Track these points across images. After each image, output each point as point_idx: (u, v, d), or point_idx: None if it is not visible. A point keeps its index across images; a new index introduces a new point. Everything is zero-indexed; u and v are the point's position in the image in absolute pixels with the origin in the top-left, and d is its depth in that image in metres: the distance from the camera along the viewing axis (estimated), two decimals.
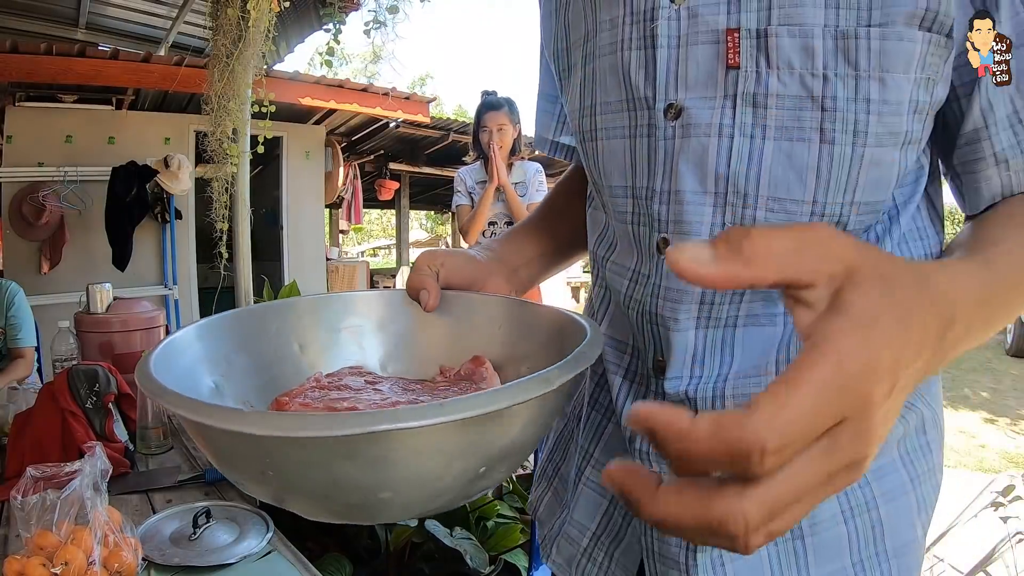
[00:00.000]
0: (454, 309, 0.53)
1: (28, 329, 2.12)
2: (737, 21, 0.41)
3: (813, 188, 0.42)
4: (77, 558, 0.73)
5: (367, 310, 0.54)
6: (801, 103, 0.41)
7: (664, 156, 0.45)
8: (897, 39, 0.39)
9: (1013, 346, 6.10)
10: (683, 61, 0.44)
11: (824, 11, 0.39)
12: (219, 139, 2.43)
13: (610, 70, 0.48)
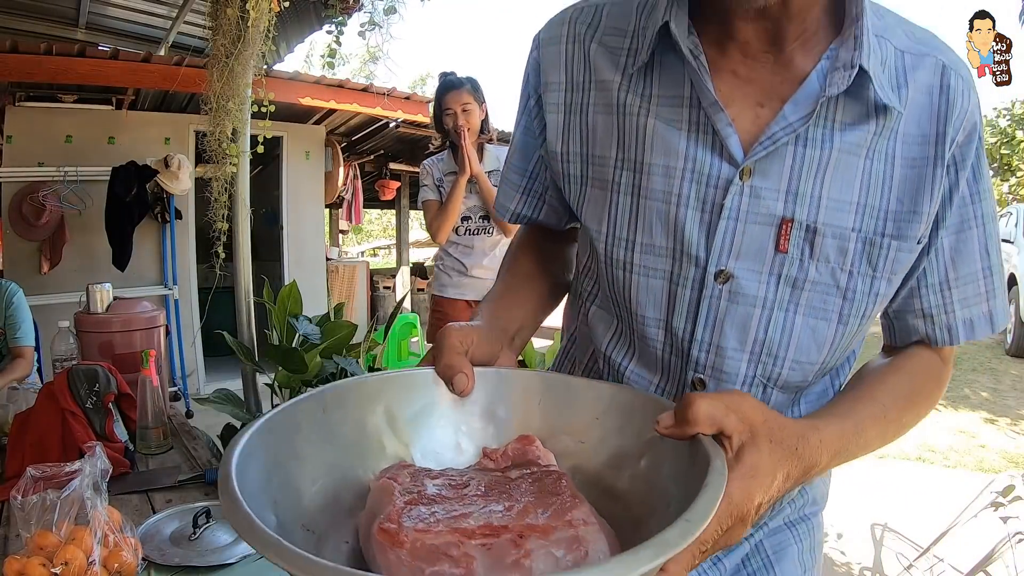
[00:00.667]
0: (486, 386, 0.52)
1: (27, 328, 2.12)
2: (792, 212, 0.50)
3: (825, 355, 0.54)
4: (77, 558, 0.73)
5: (399, 394, 0.51)
6: (828, 290, 0.51)
7: (709, 312, 0.53)
8: (908, 251, 0.51)
9: (1013, 346, 6.09)
10: (739, 234, 0.51)
11: (854, 216, 0.50)
12: (219, 139, 2.43)
13: (659, 218, 0.53)
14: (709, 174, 0.50)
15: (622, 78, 0.54)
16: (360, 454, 0.48)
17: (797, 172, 0.50)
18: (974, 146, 0.53)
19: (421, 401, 0.51)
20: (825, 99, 0.48)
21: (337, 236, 8.57)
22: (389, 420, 0.50)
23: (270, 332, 1.88)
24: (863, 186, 0.50)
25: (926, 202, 0.51)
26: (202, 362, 4.64)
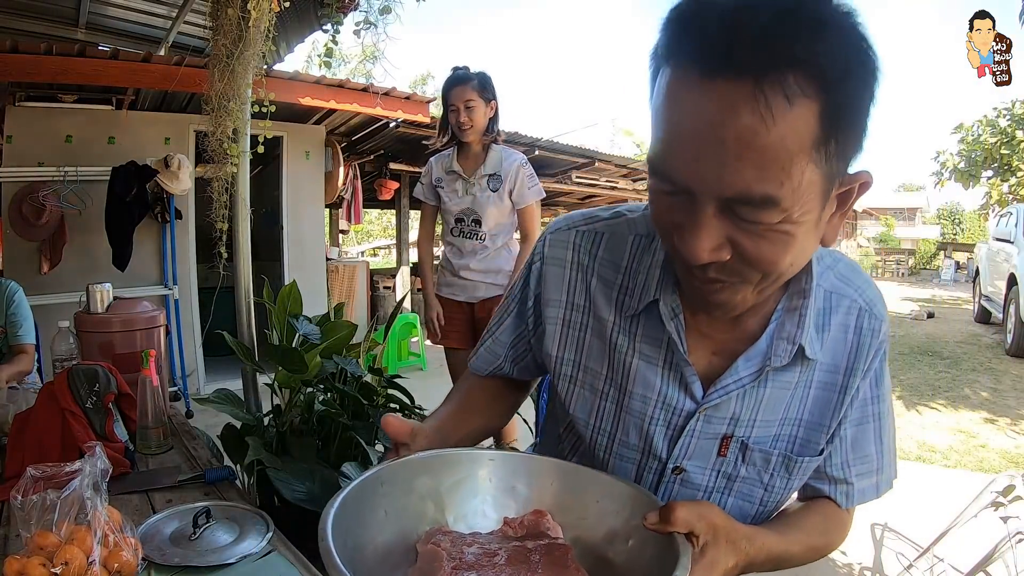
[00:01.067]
0: (510, 466, 0.66)
1: (28, 327, 2.13)
2: (733, 431, 0.68)
3: (747, 523, 0.66)
4: (77, 558, 0.73)
5: (440, 471, 0.64)
6: (754, 484, 0.70)
7: (666, 491, 0.72)
8: (813, 459, 0.69)
9: (1013, 346, 6.09)
10: (693, 445, 0.69)
11: (777, 441, 0.68)
12: (219, 139, 2.43)
13: (635, 428, 0.71)
14: (675, 407, 0.68)
15: (615, 318, 0.70)
16: (407, 518, 0.61)
17: (739, 407, 0.67)
18: (879, 361, 0.68)
19: (457, 476, 0.64)
20: (772, 366, 0.64)
21: (337, 236, 8.57)
22: (431, 492, 0.63)
23: (270, 332, 1.88)
24: (786, 407, 0.67)
25: (832, 418, 0.68)
26: (202, 362, 4.64)
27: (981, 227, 24.21)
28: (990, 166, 13.70)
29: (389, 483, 0.60)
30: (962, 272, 17.74)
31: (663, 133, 0.51)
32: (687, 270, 0.57)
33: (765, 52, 0.44)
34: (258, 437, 1.54)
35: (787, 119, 0.45)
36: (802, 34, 0.44)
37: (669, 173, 0.51)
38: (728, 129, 0.45)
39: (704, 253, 0.51)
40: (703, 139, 0.47)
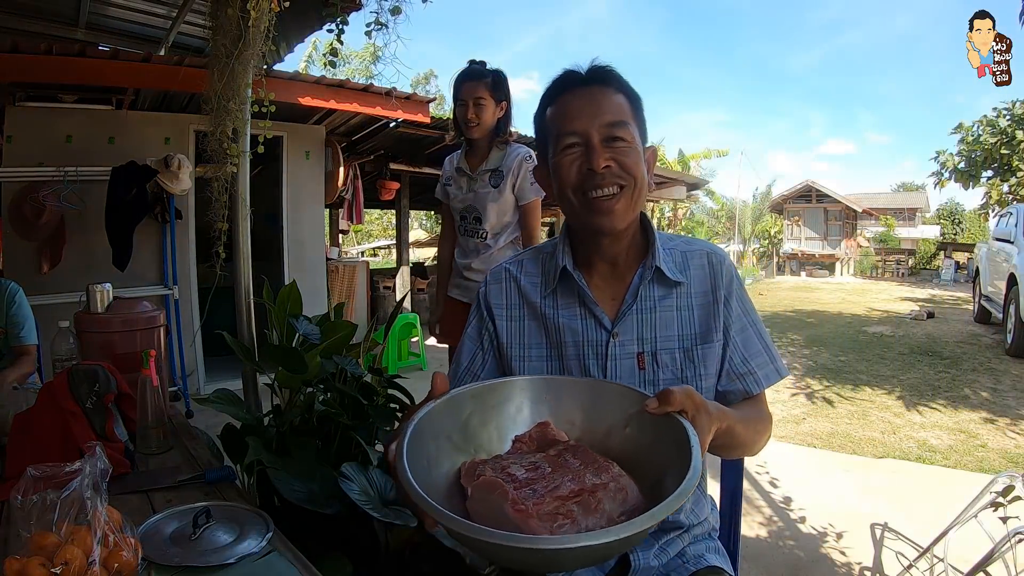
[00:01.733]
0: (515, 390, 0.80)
1: (30, 327, 2.13)
2: (643, 348, 0.96)
3: None
4: (77, 558, 0.73)
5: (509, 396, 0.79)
6: (674, 383, 0.95)
7: None
8: (711, 348, 0.97)
9: (1013, 346, 6.09)
10: (619, 366, 0.96)
11: (676, 341, 0.96)
12: (219, 139, 2.42)
13: (577, 369, 0.97)
14: (597, 339, 0.97)
15: (541, 299, 1.01)
16: (441, 456, 0.72)
17: (639, 326, 0.96)
18: (735, 286, 0.99)
19: (480, 408, 0.77)
20: (644, 285, 0.97)
21: (337, 236, 8.57)
22: (457, 428, 0.75)
23: (270, 332, 1.88)
24: (677, 323, 0.97)
25: (715, 324, 0.97)
26: (202, 362, 4.64)
27: (981, 227, 24.19)
28: (990, 166, 13.70)
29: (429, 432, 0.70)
30: (962, 272, 17.73)
31: (566, 116, 0.93)
32: (592, 189, 0.90)
33: (603, 76, 0.94)
34: (258, 437, 1.54)
35: (618, 97, 0.93)
36: (615, 74, 0.95)
37: (574, 129, 0.91)
38: (598, 98, 0.92)
39: (602, 160, 0.89)
40: (588, 106, 0.92)
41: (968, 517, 1.88)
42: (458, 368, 1.07)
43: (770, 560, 2.38)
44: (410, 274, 7.63)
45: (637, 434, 0.73)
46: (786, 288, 15.66)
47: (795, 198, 24.21)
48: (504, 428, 0.77)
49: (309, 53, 14.54)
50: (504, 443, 0.76)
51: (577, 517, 0.61)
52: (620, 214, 0.91)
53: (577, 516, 0.61)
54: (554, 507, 0.61)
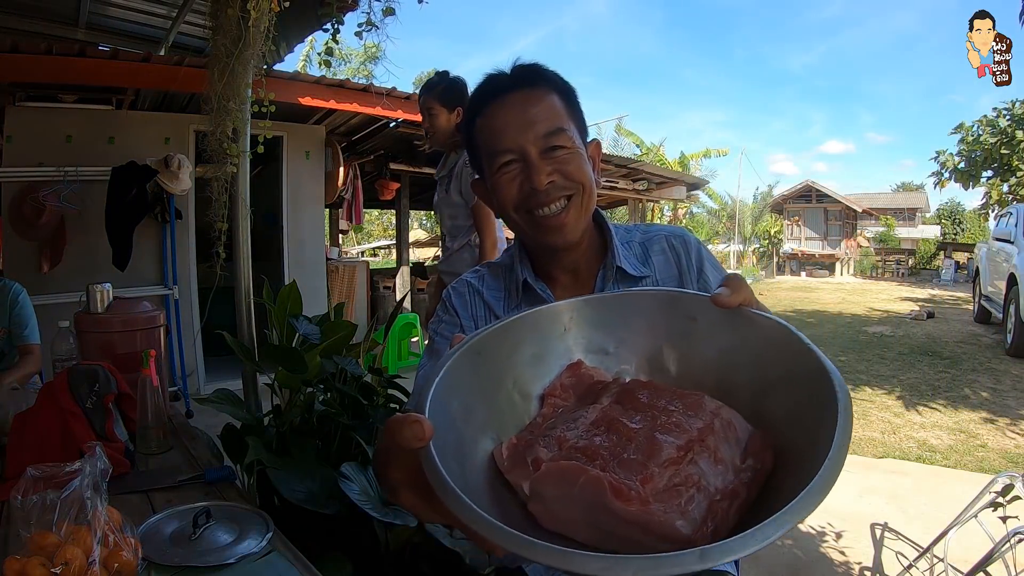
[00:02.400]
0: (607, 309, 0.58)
1: (33, 326, 2.14)
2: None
3: None
4: (77, 558, 0.73)
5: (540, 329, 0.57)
6: None
7: None
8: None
9: (1013, 346, 6.09)
10: None
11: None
12: (219, 139, 2.42)
13: None
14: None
15: (506, 313, 0.94)
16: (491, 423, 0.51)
17: None
18: (704, 256, 0.95)
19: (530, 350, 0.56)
20: (608, 287, 0.91)
21: (337, 236, 8.57)
22: (511, 381, 0.54)
23: (270, 332, 1.88)
24: None
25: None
26: (202, 362, 4.64)
27: (981, 227, 24.20)
28: (990, 166, 13.70)
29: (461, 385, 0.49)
30: (962, 272, 17.73)
31: (496, 131, 0.85)
32: (538, 207, 0.85)
33: (527, 79, 0.87)
34: (258, 437, 1.54)
35: (550, 98, 0.86)
36: (539, 74, 0.88)
37: (508, 146, 0.84)
38: (527, 107, 0.84)
39: (544, 177, 0.83)
40: (517, 117, 0.84)
41: (968, 517, 1.88)
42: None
43: (770, 560, 2.38)
44: (410, 274, 7.63)
45: (701, 350, 0.53)
46: (786, 288, 15.66)
47: (795, 198, 24.21)
48: (525, 382, 0.55)
49: (307, 52, 14.55)
50: (530, 403, 0.54)
51: (705, 482, 0.42)
52: (571, 227, 0.86)
53: (705, 480, 0.42)
54: (668, 478, 0.41)
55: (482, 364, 0.51)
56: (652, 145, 18.28)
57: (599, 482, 0.40)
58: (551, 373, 0.55)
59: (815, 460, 0.38)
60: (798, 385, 0.46)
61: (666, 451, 0.43)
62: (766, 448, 0.45)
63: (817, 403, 0.43)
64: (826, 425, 0.40)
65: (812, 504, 0.35)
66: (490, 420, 0.50)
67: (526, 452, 0.46)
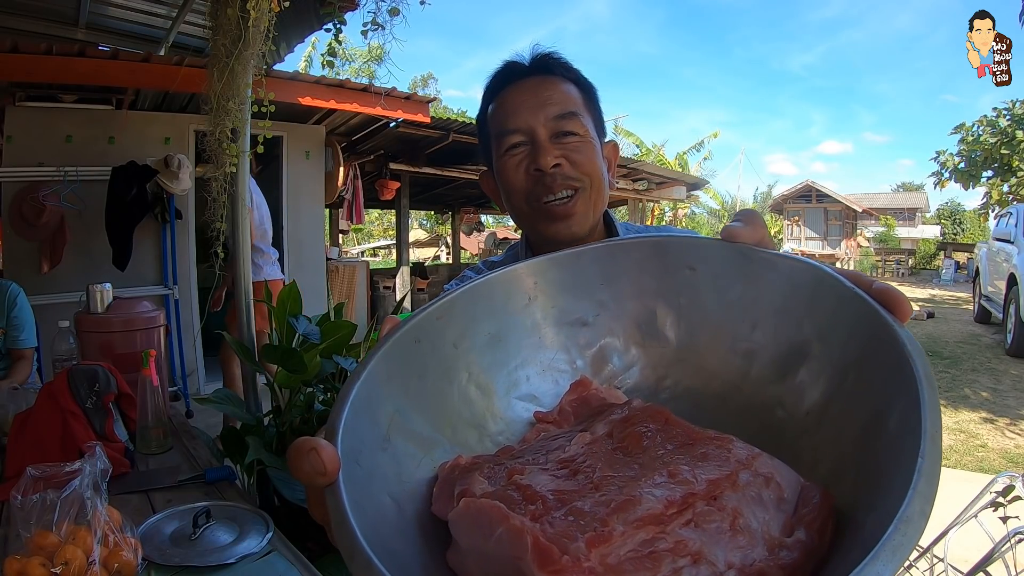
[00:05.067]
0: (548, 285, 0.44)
1: (29, 330, 2.12)
2: None
3: None
4: (77, 558, 0.73)
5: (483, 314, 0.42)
6: None
7: None
8: None
9: (1013, 346, 6.09)
10: None
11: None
12: (219, 139, 2.42)
13: None
14: None
15: None
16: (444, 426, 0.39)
17: None
18: None
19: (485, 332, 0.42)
20: None
21: (337, 236, 8.57)
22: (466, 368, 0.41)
23: (270, 332, 1.88)
24: None
25: None
26: (202, 362, 4.64)
27: (981, 227, 24.19)
28: (990, 166, 13.69)
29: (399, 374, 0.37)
30: (962, 272, 17.73)
31: (507, 111, 0.82)
32: (544, 193, 0.79)
33: (548, 66, 0.84)
34: (258, 437, 1.54)
35: (566, 86, 0.82)
36: (561, 61, 0.85)
37: (517, 126, 0.80)
38: (541, 90, 0.81)
39: (551, 159, 0.78)
40: (530, 99, 0.81)
41: (968, 517, 1.88)
42: None
43: None
44: (410, 274, 7.63)
45: (706, 307, 0.41)
46: None
47: (795, 198, 24.21)
48: (482, 371, 0.41)
49: (308, 53, 14.56)
50: (492, 399, 0.41)
51: (707, 554, 0.27)
52: (579, 218, 0.79)
53: (707, 552, 0.27)
54: (640, 542, 0.27)
55: (423, 354, 0.38)
56: (653, 145, 18.29)
57: (519, 536, 0.26)
58: (516, 357, 0.42)
59: (887, 465, 0.26)
60: (844, 349, 0.33)
61: (645, 504, 0.28)
62: (826, 516, 0.29)
63: (876, 369, 0.30)
64: (897, 403, 0.27)
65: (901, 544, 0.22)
66: (441, 427, 0.37)
67: (459, 479, 0.33)
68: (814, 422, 0.34)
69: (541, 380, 0.43)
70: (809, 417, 0.34)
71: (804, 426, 0.34)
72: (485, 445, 0.38)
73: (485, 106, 0.86)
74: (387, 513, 0.30)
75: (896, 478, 0.24)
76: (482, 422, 0.40)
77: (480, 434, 0.39)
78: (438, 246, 18.69)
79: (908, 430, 0.25)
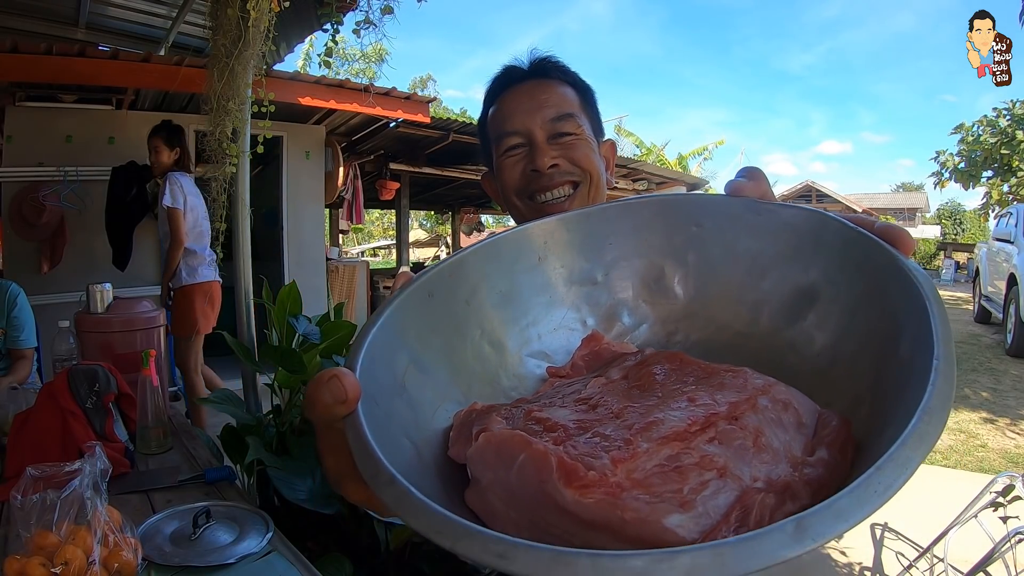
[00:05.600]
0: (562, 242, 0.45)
1: (29, 330, 2.12)
2: None
3: None
4: (77, 558, 0.73)
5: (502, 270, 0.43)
6: None
7: None
8: None
9: (1013, 346, 6.09)
10: None
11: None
12: (219, 139, 2.42)
13: None
14: None
15: None
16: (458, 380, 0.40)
17: None
18: None
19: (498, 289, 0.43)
20: None
21: (337, 236, 8.57)
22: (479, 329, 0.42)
23: (270, 332, 1.88)
24: None
25: None
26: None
27: (981, 227, 24.19)
28: (990, 166, 13.69)
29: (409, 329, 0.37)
30: (962, 272, 17.74)
31: (505, 114, 0.84)
32: (542, 191, 0.81)
33: (545, 70, 0.86)
34: (258, 437, 1.54)
35: (563, 88, 0.85)
36: (558, 64, 0.87)
37: (516, 128, 0.82)
38: (538, 92, 0.83)
39: (547, 159, 0.80)
40: (527, 101, 0.83)
41: (968, 517, 1.88)
42: None
43: None
44: None
45: (714, 262, 0.42)
46: None
47: (795, 199, 24.22)
48: (495, 329, 0.42)
49: (307, 51, 14.56)
50: (505, 355, 0.42)
51: (733, 468, 0.27)
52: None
53: (733, 467, 0.27)
54: (666, 458, 0.27)
55: (436, 308, 0.39)
56: (652, 146, 18.30)
57: (543, 459, 0.26)
58: (526, 315, 0.43)
59: (902, 386, 0.26)
60: (851, 286, 0.34)
61: (668, 424, 0.29)
62: (846, 438, 0.29)
63: (884, 300, 0.31)
64: (908, 326, 0.28)
65: (925, 442, 0.22)
66: (455, 380, 0.38)
67: (476, 421, 0.33)
68: (827, 361, 0.35)
69: (552, 338, 0.43)
70: (821, 357, 0.35)
71: (817, 366, 0.35)
72: (498, 400, 0.39)
73: (485, 109, 0.88)
74: (406, 454, 0.30)
75: (911, 392, 0.25)
76: (495, 378, 0.40)
77: (494, 390, 0.40)
78: (438, 246, 18.70)
79: (920, 349, 0.26)
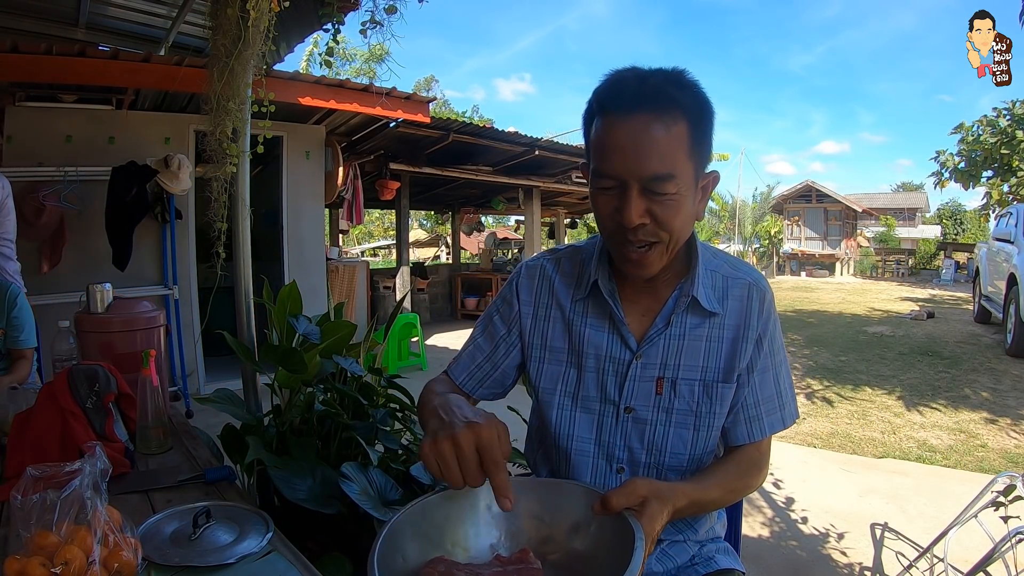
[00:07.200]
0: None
1: (29, 331, 2.12)
2: (663, 373, 0.93)
3: (689, 450, 0.94)
4: (77, 558, 0.73)
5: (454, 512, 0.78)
6: (687, 414, 0.93)
7: (623, 430, 0.95)
8: (729, 388, 0.93)
9: (1013, 346, 6.09)
10: (636, 388, 0.94)
11: (698, 373, 0.93)
12: (219, 139, 2.42)
13: (593, 382, 0.96)
14: (619, 358, 0.95)
15: (571, 304, 0.99)
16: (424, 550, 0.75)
17: (665, 352, 0.93)
18: (770, 326, 0.94)
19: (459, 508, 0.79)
20: (678, 312, 0.93)
21: (337, 236, 8.57)
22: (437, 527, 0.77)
23: (270, 332, 1.88)
24: (704, 354, 0.93)
25: (738, 363, 0.93)
26: (202, 362, 4.64)
27: (981, 227, 24.18)
28: (990, 166, 13.68)
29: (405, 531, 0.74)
30: (962, 272, 17.73)
31: (604, 149, 0.81)
32: (623, 241, 0.85)
33: (659, 98, 0.79)
34: (258, 437, 1.54)
35: (673, 133, 0.79)
36: (677, 91, 0.80)
37: (610, 172, 0.82)
38: (643, 139, 0.79)
39: (635, 217, 0.81)
40: (630, 147, 0.79)
41: (968, 517, 1.87)
42: (471, 363, 1.05)
43: (771, 561, 2.38)
44: (410, 274, 7.63)
45: (598, 533, 0.73)
46: (786, 288, 15.66)
47: (795, 198, 24.20)
48: (478, 526, 0.78)
49: (310, 51, 14.55)
50: (479, 541, 0.78)
51: None
52: (651, 267, 0.87)
53: None
54: None
55: (447, 507, 0.78)
56: None
57: None
58: (495, 524, 0.79)
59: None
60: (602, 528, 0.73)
61: None
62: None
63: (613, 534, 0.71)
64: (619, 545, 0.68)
65: None
66: (443, 541, 0.77)
67: (436, 565, 0.71)
68: (588, 551, 0.75)
69: (489, 545, 0.79)
70: (581, 548, 0.76)
71: (582, 552, 0.75)
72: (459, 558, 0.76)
73: (589, 115, 0.85)
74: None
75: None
76: (468, 547, 0.78)
77: (464, 551, 0.77)
78: (438, 246, 18.69)
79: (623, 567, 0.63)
